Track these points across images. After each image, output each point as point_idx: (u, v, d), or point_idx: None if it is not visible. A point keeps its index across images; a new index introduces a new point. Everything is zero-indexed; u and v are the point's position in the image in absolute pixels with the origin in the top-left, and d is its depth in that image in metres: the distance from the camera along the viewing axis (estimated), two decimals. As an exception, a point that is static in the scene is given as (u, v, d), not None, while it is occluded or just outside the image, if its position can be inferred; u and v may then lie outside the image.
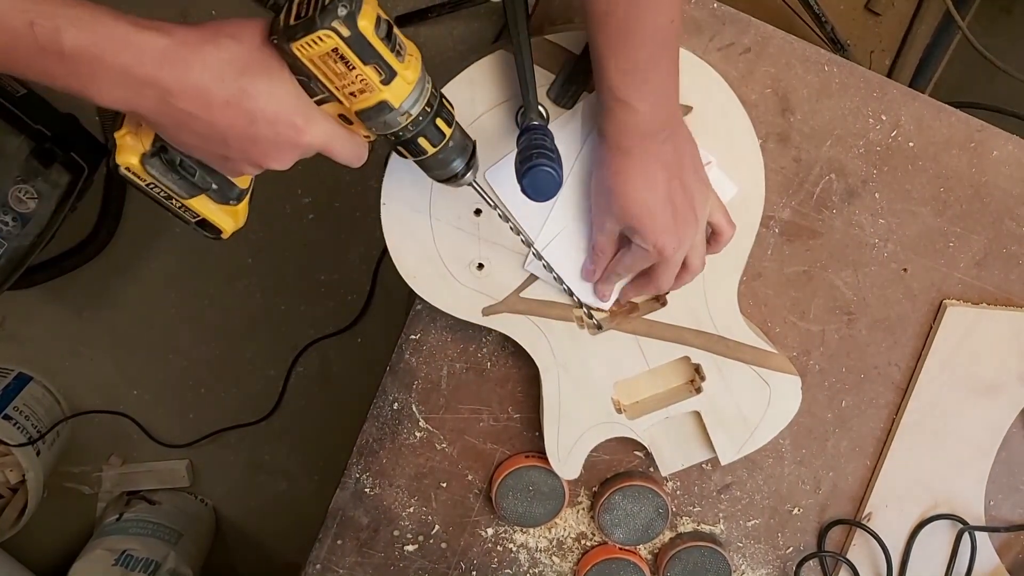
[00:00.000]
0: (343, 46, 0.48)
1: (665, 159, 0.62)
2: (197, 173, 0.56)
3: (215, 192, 0.58)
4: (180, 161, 0.54)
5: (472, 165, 0.60)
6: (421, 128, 0.55)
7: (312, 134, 0.52)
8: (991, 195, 0.78)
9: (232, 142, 0.51)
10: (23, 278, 1.38)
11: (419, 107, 0.53)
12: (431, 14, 1.52)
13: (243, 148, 0.51)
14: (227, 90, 0.48)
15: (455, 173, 0.60)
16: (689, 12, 0.72)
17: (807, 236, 0.79)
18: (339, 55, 0.48)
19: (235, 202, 0.60)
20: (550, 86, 0.67)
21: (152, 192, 0.56)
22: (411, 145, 0.56)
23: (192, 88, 0.47)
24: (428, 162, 0.58)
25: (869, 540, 0.85)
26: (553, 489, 0.83)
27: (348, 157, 0.56)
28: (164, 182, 0.55)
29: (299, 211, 1.62)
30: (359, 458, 0.85)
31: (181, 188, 0.56)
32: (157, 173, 0.54)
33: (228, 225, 0.61)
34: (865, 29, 1.47)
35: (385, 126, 0.53)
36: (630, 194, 0.63)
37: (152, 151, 0.53)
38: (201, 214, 0.59)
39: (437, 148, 0.57)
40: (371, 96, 0.51)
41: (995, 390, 0.81)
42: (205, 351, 1.69)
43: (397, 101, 0.52)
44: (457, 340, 0.81)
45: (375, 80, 0.50)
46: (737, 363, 0.76)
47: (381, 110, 0.52)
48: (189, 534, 1.65)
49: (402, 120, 0.53)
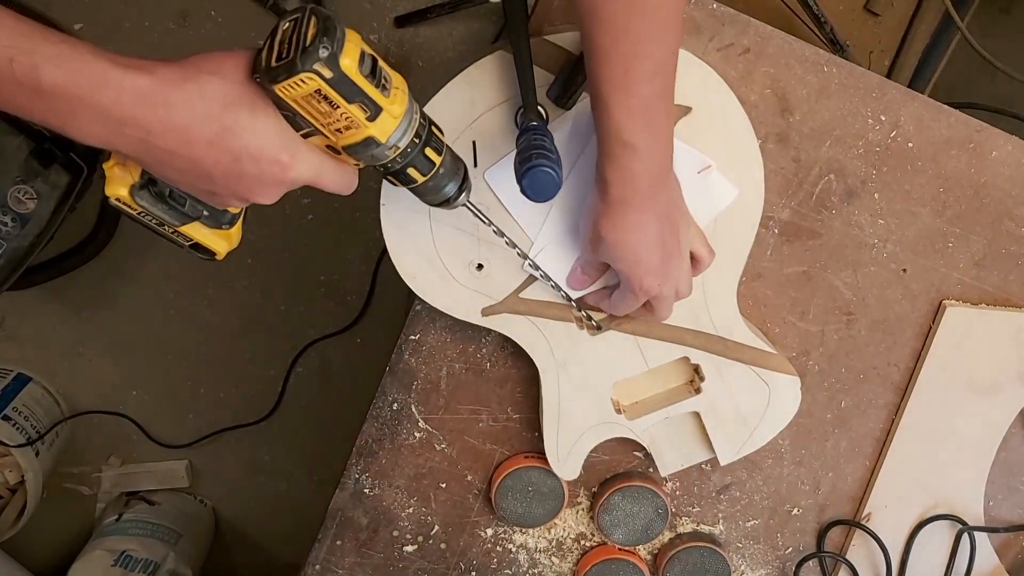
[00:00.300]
0: (326, 87, 0.47)
1: (659, 208, 0.62)
2: (187, 203, 0.55)
3: (207, 218, 0.58)
4: (170, 192, 0.54)
5: (464, 188, 0.60)
6: (410, 159, 0.54)
7: (298, 170, 0.51)
8: (990, 195, 0.78)
9: (217, 179, 0.50)
10: (22, 279, 1.38)
11: (407, 139, 0.53)
12: (431, 14, 1.52)
13: (228, 185, 0.51)
14: (210, 129, 0.47)
15: (447, 197, 0.59)
16: (689, 12, 0.72)
17: (806, 236, 0.79)
18: (322, 95, 0.47)
19: (228, 226, 0.60)
20: (549, 86, 0.67)
21: (144, 220, 0.56)
22: (401, 175, 0.56)
23: (174, 128, 0.47)
24: (420, 189, 0.58)
25: (868, 540, 0.85)
26: (552, 489, 0.83)
27: (337, 187, 0.55)
28: (155, 212, 0.55)
29: (299, 212, 1.62)
30: (358, 458, 0.85)
31: (172, 217, 0.56)
32: (147, 204, 0.54)
33: (222, 247, 0.60)
34: (864, 30, 1.47)
35: (373, 159, 0.53)
36: (623, 244, 0.63)
37: (141, 183, 0.53)
38: (194, 239, 0.58)
39: (427, 177, 0.56)
40: (357, 132, 0.50)
41: (994, 390, 0.81)
42: (204, 351, 1.69)
43: (384, 136, 0.51)
44: (456, 340, 0.81)
45: (361, 117, 0.49)
46: (736, 363, 0.76)
47: (368, 145, 0.52)
48: (188, 535, 1.65)
49: (390, 153, 0.53)
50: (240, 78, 0.49)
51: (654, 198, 0.61)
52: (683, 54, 0.67)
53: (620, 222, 0.61)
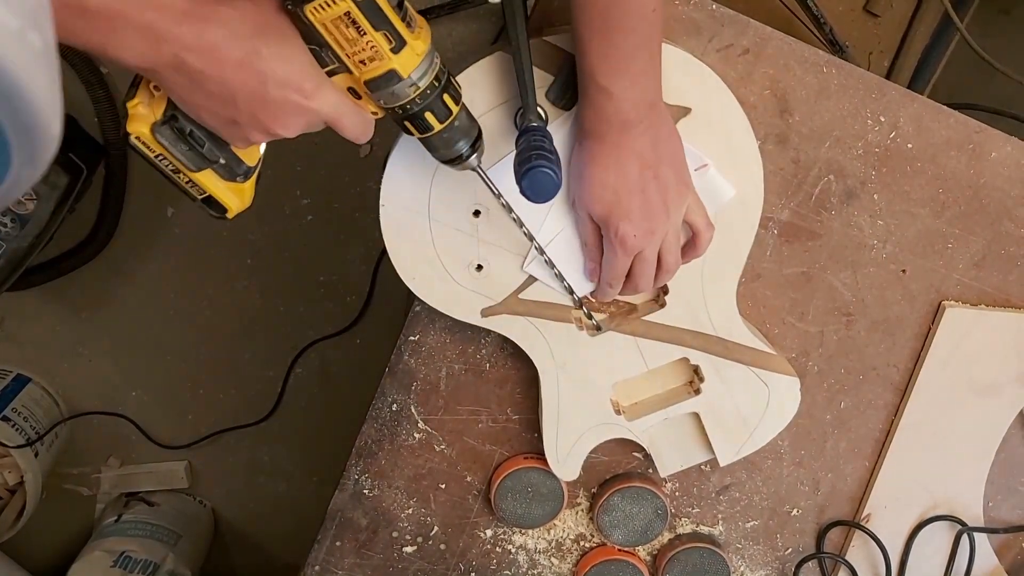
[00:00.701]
0: (355, 10, 0.49)
1: (640, 150, 0.62)
2: (206, 145, 0.57)
3: (222, 167, 0.59)
4: (190, 131, 0.56)
5: (477, 149, 0.61)
6: (428, 102, 0.55)
7: (319, 101, 0.53)
8: (989, 196, 0.78)
9: (241, 103, 0.52)
10: (22, 279, 1.38)
11: (427, 80, 0.54)
12: (430, 15, 1.52)
13: (252, 110, 0.52)
14: (241, 50, 0.50)
15: (460, 154, 0.60)
16: (688, 13, 0.72)
17: (806, 237, 0.79)
18: (351, 19, 0.49)
19: (242, 179, 0.61)
20: (549, 87, 0.67)
21: (160, 164, 0.57)
22: (418, 120, 0.56)
23: (207, 45, 0.49)
24: (433, 140, 0.58)
25: (868, 541, 0.85)
26: (552, 490, 0.83)
27: (354, 131, 0.57)
28: (173, 152, 0.56)
29: (298, 212, 1.62)
30: (358, 459, 0.85)
31: (189, 160, 0.57)
32: (167, 143, 0.56)
33: (234, 203, 0.61)
34: (864, 30, 1.47)
35: (393, 97, 0.54)
36: (598, 177, 0.63)
37: (163, 119, 0.55)
38: (207, 190, 0.59)
39: (444, 125, 0.57)
40: (381, 64, 0.52)
41: (994, 391, 0.81)
42: (204, 352, 1.68)
43: (406, 71, 0.53)
44: (456, 341, 0.81)
45: (385, 48, 0.51)
46: (736, 364, 0.76)
47: (390, 79, 0.53)
48: (188, 535, 1.65)
49: (410, 92, 0.54)
50: (274, 7, 0.51)
51: (633, 140, 0.61)
52: (682, 55, 0.68)
53: (596, 155, 0.63)
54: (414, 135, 0.58)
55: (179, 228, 1.62)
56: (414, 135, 0.58)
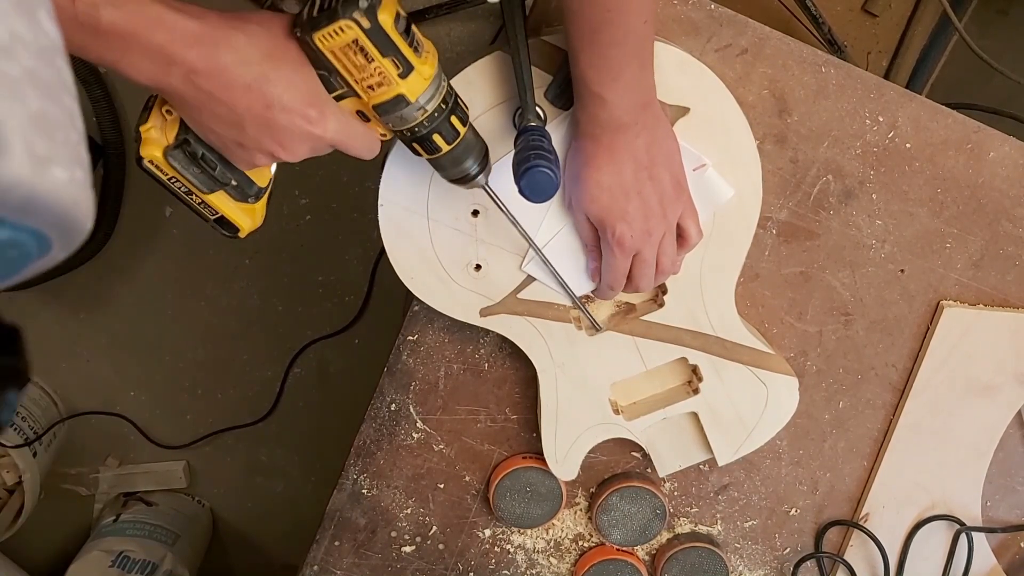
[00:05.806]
0: (363, 37, 0.49)
1: (635, 151, 0.62)
2: (218, 168, 0.57)
3: (234, 189, 0.59)
4: (202, 155, 0.56)
5: (485, 167, 0.61)
6: (436, 125, 0.56)
7: (324, 127, 0.54)
8: (988, 196, 0.78)
9: (248, 127, 0.52)
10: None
11: (435, 103, 0.55)
12: (428, 15, 1.52)
13: (257, 135, 0.53)
14: (249, 74, 0.50)
15: (467, 173, 0.61)
16: (686, 13, 0.72)
17: (804, 237, 0.79)
18: (359, 46, 0.50)
19: (253, 200, 0.61)
20: (547, 87, 0.67)
21: (173, 187, 0.57)
22: (426, 142, 0.57)
23: (216, 69, 0.49)
24: (442, 161, 0.59)
25: (866, 541, 0.85)
26: (550, 490, 0.83)
27: (360, 152, 0.58)
28: (186, 175, 0.57)
29: (296, 212, 1.62)
30: (356, 459, 0.84)
31: (202, 182, 0.57)
32: (179, 166, 0.56)
33: (246, 224, 0.62)
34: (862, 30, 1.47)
35: (401, 121, 0.55)
36: (593, 179, 0.63)
37: (175, 143, 0.55)
38: (220, 211, 0.60)
39: (452, 146, 0.58)
40: (388, 90, 0.52)
41: (992, 391, 0.81)
42: (202, 352, 1.68)
43: (414, 95, 0.53)
44: (454, 341, 0.81)
45: (393, 73, 0.51)
46: (734, 364, 0.76)
47: (398, 104, 0.53)
48: (186, 535, 1.65)
49: (418, 115, 0.54)
50: (283, 33, 0.52)
51: (627, 142, 0.62)
52: (681, 55, 0.68)
53: (592, 156, 0.63)
54: (422, 156, 0.59)
55: (177, 228, 1.62)
56: (422, 156, 0.59)
